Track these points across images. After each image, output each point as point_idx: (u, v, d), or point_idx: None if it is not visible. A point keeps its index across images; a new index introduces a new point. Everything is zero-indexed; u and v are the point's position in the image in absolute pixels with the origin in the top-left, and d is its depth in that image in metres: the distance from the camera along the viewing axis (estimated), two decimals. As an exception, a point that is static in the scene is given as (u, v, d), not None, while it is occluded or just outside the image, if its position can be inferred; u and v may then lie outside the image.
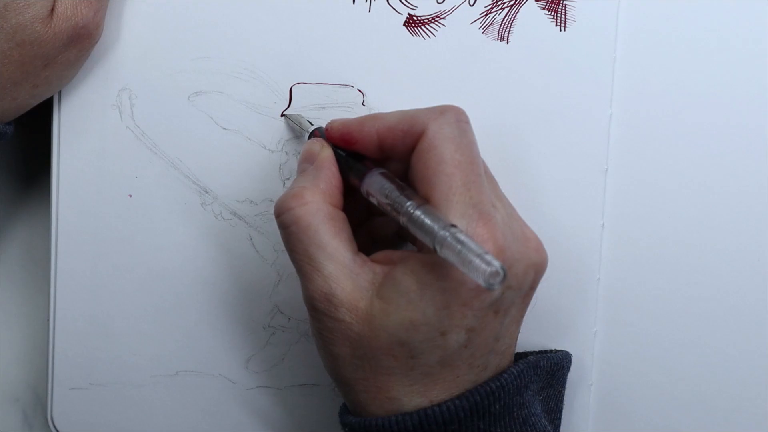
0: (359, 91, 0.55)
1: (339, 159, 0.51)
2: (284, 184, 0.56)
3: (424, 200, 0.46)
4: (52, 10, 0.51)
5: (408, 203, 0.46)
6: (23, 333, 0.61)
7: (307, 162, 0.51)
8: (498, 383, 0.48)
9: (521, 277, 0.47)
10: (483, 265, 0.42)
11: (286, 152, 0.56)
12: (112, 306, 0.57)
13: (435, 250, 0.44)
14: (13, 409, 0.61)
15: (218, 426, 0.58)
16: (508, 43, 0.54)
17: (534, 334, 0.55)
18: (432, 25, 0.55)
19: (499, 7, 0.54)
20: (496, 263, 0.42)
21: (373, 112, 0.55)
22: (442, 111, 0.48)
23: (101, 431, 0.58)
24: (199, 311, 0.57)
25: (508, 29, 0.54)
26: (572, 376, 0.55)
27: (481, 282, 0.42)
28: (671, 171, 0.55)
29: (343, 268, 0.47)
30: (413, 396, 0.47)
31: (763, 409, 0.56)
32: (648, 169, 0.55)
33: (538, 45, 0.54)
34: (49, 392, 0.58)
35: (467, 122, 0.48)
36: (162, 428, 0.58)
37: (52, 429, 0.58)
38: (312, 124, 0.54)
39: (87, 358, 0.58)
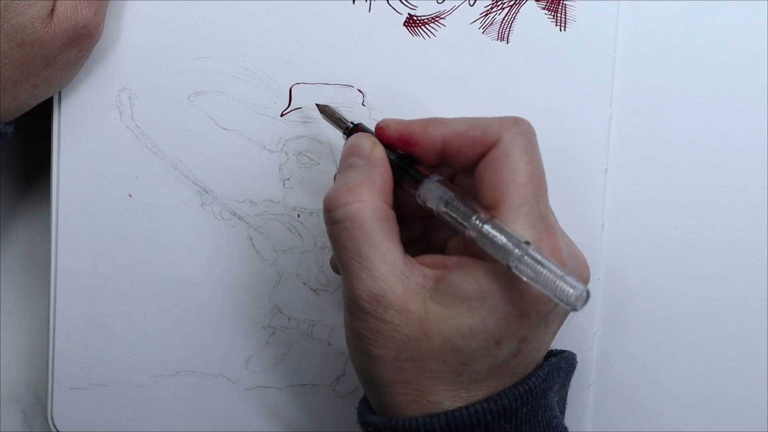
0: (359, 91, 0.55)
1: (390, 159, 0.50)
2: (284, 184, 0.56)
3: (488, 213, 0.46)
4: (52, 10, 0.51)
5: (474, 216, 0.46)
6: (23, 333, 0.61)
7: (354, 156, 0.49)
8: (526, 387, 0.48)
9: None
10: (568, 288, 0.43)
11: (286, 152, 0.56)
12: (112, 306, 0.57)
13: (508, 267, 0.44)
14: (13, 409, 0.61)
15: (218, 426, 0.58)
16: (508, 43, 0.54)
17: (534, 334, 0.55)
18: (432, 25, 0.55)
19: (499, 7, 0.54)
20: (581, 286, 0.43)
21: (372, 112, 0.55)
22: (516, 122, 0.48)
23: (101, 431, 0.58)
24: (199, 311, 0.57)
25: (508, 29, 0.54)
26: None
27: (562, 304, 0.43)
28: (671, 171, 0.55)
29: (394, 270, 0.47)
30: (455, 401, 0.47)
31: (763, 409, 0.56)
32: (648, 169, 0.55)
33: (538, 45, 0.54)
34: (49, 392, 0.58)
35: (535, 135, 0.48)
36: (162, 428, 0.58)
37: (52, 429, 0.58)
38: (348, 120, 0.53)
39: (87, 358, 0.58)
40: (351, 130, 0.52)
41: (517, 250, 0.44)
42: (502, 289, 0.45)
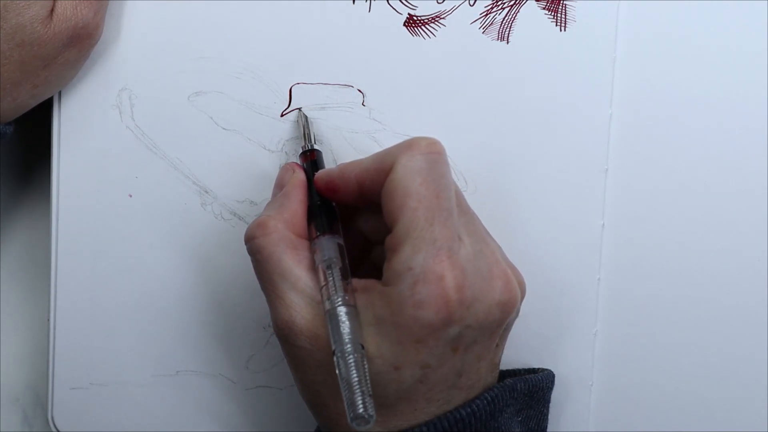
0: (359, 91, 0.55)
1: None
2: (284, 184, 0.56)
3: (353, 297, 0.47)
4: (52, 10, 0.51)
5: (340, 294, 0.47)
6: (23, 333, 0.61)
7: (276, 187, 0.52)
8: (469, 410, 0.47)
9: (482, 316, 0.46)
10: (359, 405, 0.43)
11: (286, 152, 0.56)
12: (112, 306, 0.57)
13: (333, 353, 0.45)
14: (13, 409, 0.61)
15: (218, 426, 0.58)
16: (508, 43, 0.54)
17: (534, 334, 0.55)
18: (432, 25, 0.55)
19: (499, 7, 0.54)
20: (369, 413, 0.43)
21: (372, 112, 0.55)
22: (411, 144, 0.47)
23: (101, 431, 0.58)
24: (199, 311, 0.57)
25: (508, 29, 0.54)
26: (572, 376, 0.55)
27: (348, 412, 0.44)
28: (671, 171, 0.55)
29: (304, 297, 0.48)
30: (374, 425, 0.47)
31: (763, 409, 0.56)
32: (648, 169, 0.55)
33: (538, 45, 0.54)
34: (49, 392, 0.58)
35: (439, 153, 0.47)
36: (162, 428, 0.58)
37: (53, 429, 0.58)
38: (314, 142, 0.54)
39: (87, 358, 0.58)
40: (305, 152, 0.53)
41: (348, 347, 0.45)
42: (392, 314, 0.45)
